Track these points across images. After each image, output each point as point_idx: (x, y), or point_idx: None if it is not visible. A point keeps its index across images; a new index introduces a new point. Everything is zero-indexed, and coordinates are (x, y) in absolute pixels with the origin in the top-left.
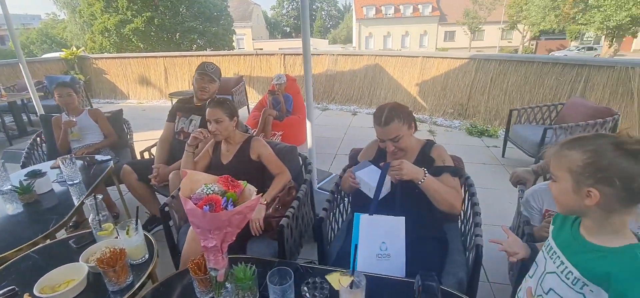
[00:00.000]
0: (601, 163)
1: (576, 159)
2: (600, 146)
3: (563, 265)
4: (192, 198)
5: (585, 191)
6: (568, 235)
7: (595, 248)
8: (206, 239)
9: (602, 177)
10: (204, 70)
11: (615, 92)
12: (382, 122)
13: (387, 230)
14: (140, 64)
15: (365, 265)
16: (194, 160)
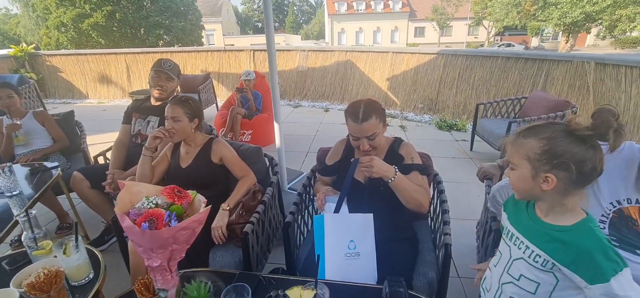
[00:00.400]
0: (556, 149)
1: (533, 147)
2: (554, 133)
3: (529, 249)
4: (130, 214)
5: (543, 176)
6: (526, 219)
7: (553, 228)
8: (149, 258)
9: (558, 162)
10: (160, 67)
11: (573, 85)
12: (359, 118)
13: (354, 228)
14: (99, 61)
15: (334, 268)
16: (151, 164)
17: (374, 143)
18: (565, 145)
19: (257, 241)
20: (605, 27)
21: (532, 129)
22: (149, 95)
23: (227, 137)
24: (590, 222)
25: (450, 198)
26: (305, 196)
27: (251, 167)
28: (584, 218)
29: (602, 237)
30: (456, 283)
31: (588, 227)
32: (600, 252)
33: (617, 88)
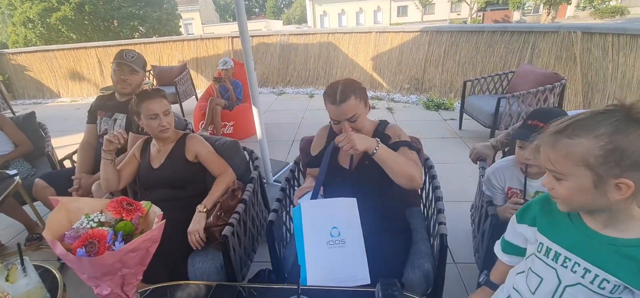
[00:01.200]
0: (626, 146)
1: (590, 148)
2: (614, 125)
3: (590, 273)
4: (65, 237)
5: (613, 183)
6: (576, 234)
7: (623, 243)
8: (97, 286)
9: (631, 162)
10: (122, 59)
11: (560, 56)
12: (337, 100)
13: (337, 215)
14: (68, 56)
15: (318, 264)
16: (115, 167)
17: (356, 125)
18: (637, 137)
19: (239, 243)
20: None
21: (577, 124)
22: (113, 91)
23: (208, 130)
24: None
25: (441, 179)
26: (289, 190)
27: (229, 162)
28: None
29: None
30: (452, 269)
31: None
32: None
33: (605, 57)
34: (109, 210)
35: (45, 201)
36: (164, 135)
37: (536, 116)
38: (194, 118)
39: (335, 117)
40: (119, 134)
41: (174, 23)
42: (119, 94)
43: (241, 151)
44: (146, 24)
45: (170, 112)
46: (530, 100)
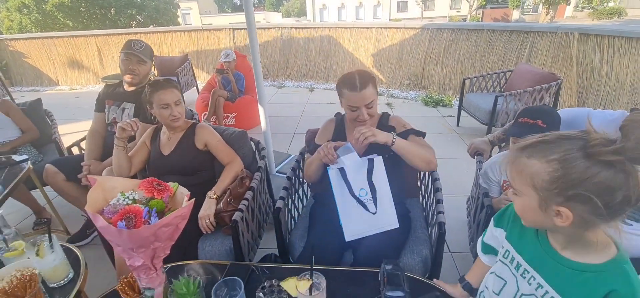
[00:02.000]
0: (571, 176)
1: (540, 171)
2: (568, 154)
3: (542, 289)
4: (104, 212)
5: (555, 210)
6: (538, 249)
7: (577, 266)
8: (131, 258)
9: (574, 194)
10: (131, 49)
11: (557, 57)
12: (357, 86)
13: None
14: (68, 44)
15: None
16: (128, 154)
17: (372, 112)
18: (584, 171)
19: (247, 228)
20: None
21: (538, 145)
22: (121, 80)
23: (211, 121)
24: (623, 262)
25: (441, 174)
26: (294, 180)
27: (237, 152)
28: (615, 257)
29: (637, 282)
30: (448, 258)
31: (622, 269)
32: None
33: (600, 58)
34: (141, 188)
35: (55, 186)
36: (175, 124)
37: (526, 114)
38: (196, 109)
39: (355, 103)
40: (132, 122)
41: (172, 13)
42: (126, 84)
43: (248, 141)
44: (144, 13)
45: (181, 102)
46: (527, 98)
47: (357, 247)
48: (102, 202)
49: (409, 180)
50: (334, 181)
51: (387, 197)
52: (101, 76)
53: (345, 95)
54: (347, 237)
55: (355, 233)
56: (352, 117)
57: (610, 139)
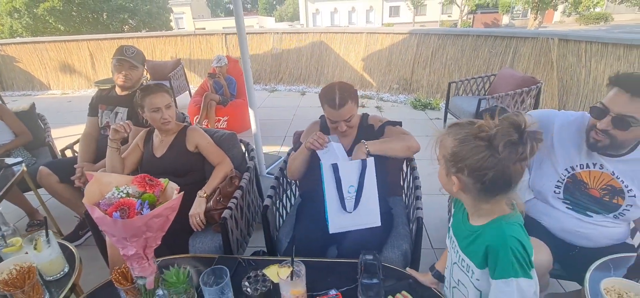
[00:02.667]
0: (461, 152)
1: (448, 146)
2: (466, 135)
3: (458, 254)
4: (100, 205)
5: (451, 178)
6: (461, 223)
7: (473, 229)
8: (124, 247)
9: (460, 166)
10: (122, 54)
11: (538, 61)
12: (336, 105)
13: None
14: (59, 49)
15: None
16: (121, 156)
17: (350, 124)
18: (469, 150)
19: (236, 226)
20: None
21: (454, 127)
22: (114, 85)
23: (203, 124)
24: (502, 221)
25: (425, 174)
26: (282, 179)
27: (227, 153)
28: (495, 218)
29: (510, 235)
30: (430, 253)
31: (498, 225)
32: (504, 250)
33: (578, 63)
34: (134, 184)
35: (49, 187)
36: (166, 127)
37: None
38: (189, 112)
39: (334, 118)
40: (125, 124)
41: (164, 17)
42: (119, 88)
43: (238, 143)
44: (136, 17)
45: (172, 106)
46: (508, 101)
47: (341, 242)
48: (99, 196)
49: (393, 179)
50: (327, 174)
51: (373, 197)
52: (94, 80)
53: (325, 110)
54: (331, 229)
55: (338, 227)
56: (332, 127)
57: (486, 128)
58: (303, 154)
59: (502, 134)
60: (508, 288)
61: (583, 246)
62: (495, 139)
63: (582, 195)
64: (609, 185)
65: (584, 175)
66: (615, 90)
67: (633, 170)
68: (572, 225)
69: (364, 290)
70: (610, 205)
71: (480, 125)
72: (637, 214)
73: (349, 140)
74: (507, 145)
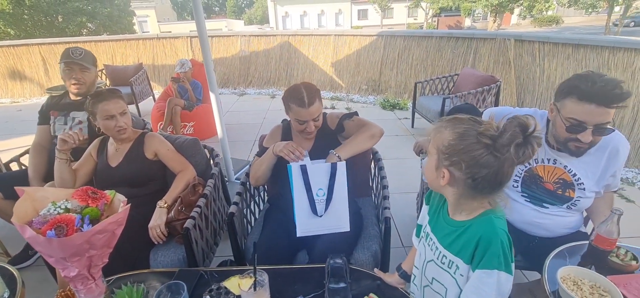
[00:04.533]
0: (459, 146)
1: (445, 138)
2: (467, 131)
3: (438, 251)
4: (33, 223)
5: (441, 170)
6: (439, 218)
7: (458, 224)
8: (65, 268)
9: (456, 160)
10: (69, 57)
11: (498, 61)
12: (306, 103)
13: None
14: (7, 54)
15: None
16: (71, 167)
17: (318, 123)
18: (469, 145)
19: (201, 236)
20: (526, 7)
21: (454, 120)
22: (66, 91)
23: (167, 130)
24: (489, 214)
25: (396, 173)
26: (249, 185)
27: (190, 160)
28: (482, 213)
29: (501, 229)
30: (401, 252)
31: (487, 218)
32: (494, 242)
33: (533, 62)
34: (74, 198)
35: None
36: (122, 135)
37: (451, 113)
38: (152, 118)
39: (303, 117)
40: (74, 134)
41: (127, 20)
42: (72, 94)
43: (201, 149)
44: (95, 21)
45: (127, 112)
46: (471, 99)
47: (312, 247)
48: (32, 213)
49: (362, 179)
50: (295, 176)
51: (344, 201)
52: (46, 87)
53: (293, 110)
54: (298, 232)
55: (306, 230)
56: (299, 129)
57: (492, 129)
58: (269, 160)
59: (510, 135)
60: (489, 279)
61: (542, 236)
62: (501, 139)
63: (538, 188)
64: (561, 179)
65: (539, 169)
66: (580, 102)
67: (586, 162)
68: (531, 217)
69: (331, 294)
70: (563, 197)
71: (487, 126)
72: (588, 204)
73: (309, 143)
74: (513, 147)
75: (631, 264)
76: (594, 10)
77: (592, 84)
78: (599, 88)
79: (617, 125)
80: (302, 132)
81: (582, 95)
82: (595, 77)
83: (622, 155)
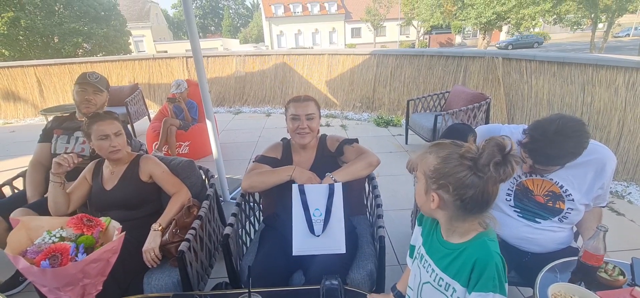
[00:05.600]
0: (444, 170)
1: (430, 163)
2: (450, 154)
3: (434, 273)
4: (28, 253)
5: (431, 194)
6: (434, 240)
7: (453, 247)
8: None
9: (443, 183)
10: (85, 80)
11: (487, 78)
12: (301, 98)
13: (320, 198)
14: (2, 75)
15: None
16: (65, 190)
17: (312, 124)
18: (453, 168)
19: (195, 258)
20: (513, 25)
21: (437, 145)
22: (72, 112)
23: (162, 151)
24: (484, 237)
25: (389, 190)
26: (245, 205)
27: (185, 181)
28: (476, 235)
29: (495, 252)
30: (397, 270)
31: (481, 242)
32: (490, 265)
33: (521, 79)
34: (69, 226)
35: None
36: (115, 156)
37: (447, 133)
38: (147, 139)
39: (297, 111)
40: (69, 156)
41: (123, 40)
42: (80, 115)
43: (196, 170)
44: (91, 41)
45: (122, 134)
46: (462, 116)
47: (308, 267)
48: (27, 243)
49: (357, 198)
50: (295, 196)
51: (340, 222)
52: (41, 108)
53: (290, 108)
54: (294, 251)
55: (302, 250)
56: (294, 127)
57: (472, 151)
58: (280, 179)
59: (488, 155)
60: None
61: (534, 252)
62: (481, 160)
63: (529, 201)
64: (550, 191)
65: (529, 182)
66: None
67: (573, 175)
68: (524, 232)
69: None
70: (554, 209)
71: (467, 149)
72: (578, 217)
73: (309, 160)
74: (492, 166)
75: (619, 280)
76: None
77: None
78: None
79: (604, 140)
80: (296, 131)
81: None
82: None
83: (608, 169)
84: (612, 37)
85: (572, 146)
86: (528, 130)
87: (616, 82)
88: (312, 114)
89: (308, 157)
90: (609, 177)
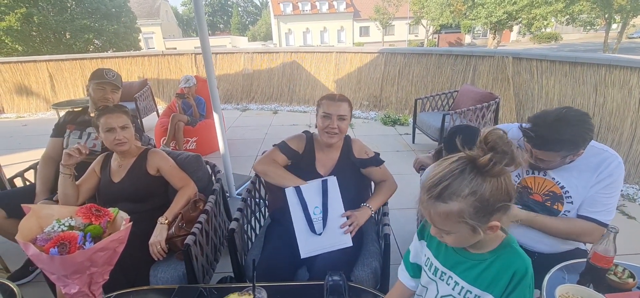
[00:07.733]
0: (487, 198)
1: (464, 209)
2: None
3: (459, 286)
4: (37, 240)
5: (487, 227)
6: (451, 252)
7: (480, 258)
8: (66, 285)
9: (493, 208)
10: (103, 78)
11: (496, 78)
12: (336, 97)
13: (316, 195)
14: (15, 70)
15: (305, 237)
16: (74, 182)
17: (342, 125)
18: (491, 190)
19: (201, 252)
20: (524, 24)
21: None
22: (85, 107)
23: (170, 146)
24: (512, 241)
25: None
26: (250, 201)
27: (191, 176)
28: (503, 241)
29: (529, 260)
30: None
31: (512, 249)
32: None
33: (531, 79)
34: (78, 215)
35: None
36: (120, 149)
37: (453, 131)
38: (155, 134)
39: (329, 110)
40: (79, 148)
41: (133, 37)
42: (93, 111)
43: (203, 165)
44: (102, 37)
45: (130, 127)
46: (470, 116)
47: (312, 264)
48: (37, 230)
49: (362, 196)
50: (291, 199)
51: (340, 217)
52: (53, 103)
53: (322, 105)
54: (302, 254)
55: (310, 251)
56: (324, 125)
57: (488, 157)
58: (287, 184)
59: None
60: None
61: (541, 252)
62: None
63: (528, 200)
64: (550, 191)
65: (529, 180)
66: None
67: (577, 178)
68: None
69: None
70: (552, 210)
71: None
72: None
73: (332, 161)
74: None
75: (628, 282)
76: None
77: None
78: None
79: (616, 142)
80: (325, 129)
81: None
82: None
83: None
84: (626, 38)
85: (570, 133)
86: (532, 117)
87: (630, 83)
88: (344, 116)
89: (332, 157)
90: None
